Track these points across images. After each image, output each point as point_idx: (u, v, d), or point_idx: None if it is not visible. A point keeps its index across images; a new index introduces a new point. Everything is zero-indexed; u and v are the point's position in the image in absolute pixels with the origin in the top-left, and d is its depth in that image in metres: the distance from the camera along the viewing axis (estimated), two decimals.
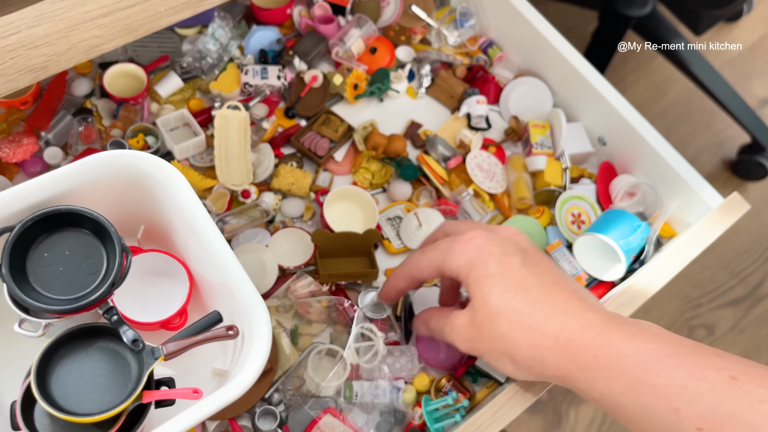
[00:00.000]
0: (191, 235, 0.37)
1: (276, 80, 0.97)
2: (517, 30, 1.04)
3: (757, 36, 1.79)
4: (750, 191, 1.57)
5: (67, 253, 0.34)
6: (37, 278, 0.34)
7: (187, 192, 0.36)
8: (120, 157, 0.35)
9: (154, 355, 0.34)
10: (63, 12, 0.69)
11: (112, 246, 0.34)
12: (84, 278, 0.34)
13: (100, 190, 0.36)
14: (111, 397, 0.33)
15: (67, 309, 0.33)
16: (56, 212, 0.34)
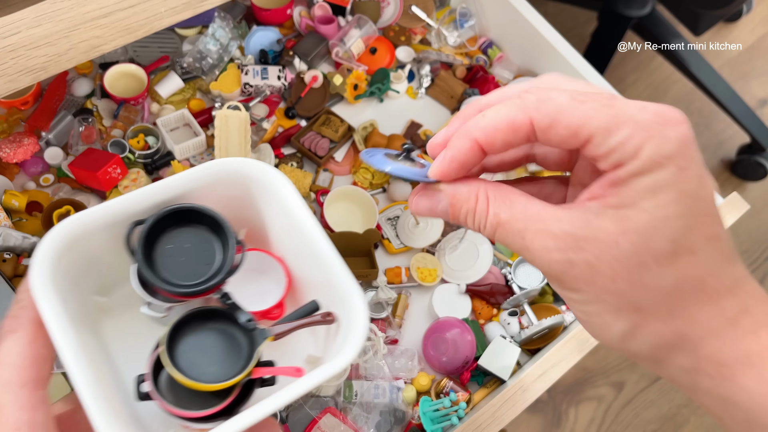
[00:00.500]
0: (294, 236, 0.41)
1: (276, 80, 0.97)
2: (517, 30, 1.04)
3: (757, 36, 1.80)
4: (749, 191, 1.57)
5: (187, 246, 0.39)
6: (163, 266, 0.38)
7: (293, 196, 0.41)
8: (232, 164, 0.40)
9: (264, 335, 0.39)
10: (63, 12, 0.69)
11: (225, 241, 0.39)
12: (201, 268, 0.39)
13: (212, 193, 0.40)
14: (226, 371, 0.37)
15: (190, 292, 0.38)
16: (181, 209, 0.39)
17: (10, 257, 0.78)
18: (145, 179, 0.88)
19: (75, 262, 0.38)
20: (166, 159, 0.90)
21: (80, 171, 0.84)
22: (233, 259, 0.39)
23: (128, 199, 0.38)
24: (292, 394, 0.35)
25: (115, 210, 0.38)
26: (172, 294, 0.38)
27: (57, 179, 0.88)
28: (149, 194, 0.38)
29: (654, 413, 1.31)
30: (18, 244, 0.79)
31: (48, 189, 0.87)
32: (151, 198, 0.38)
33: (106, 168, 0.82)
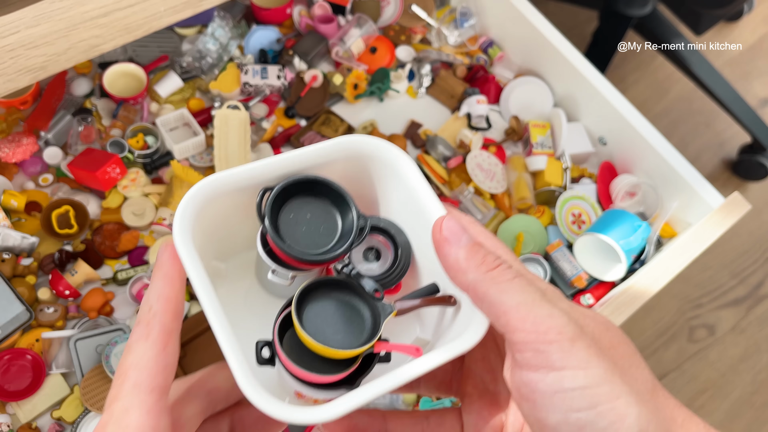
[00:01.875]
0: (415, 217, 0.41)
1: (276, 80, 0.96)
2: (518, 29, 1.04)
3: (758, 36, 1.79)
4: (751, 191, 1.57)
5: (309, 217, 0.40)
6: (286, 234, 0.39)
7: (416, 176, 0.41)
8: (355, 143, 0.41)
9: (388, 309, 0.39)
10: (62, 12, 0.68)
11: (347, 213, 0.40)
12: (322, 239, 0.39)
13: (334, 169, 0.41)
14: (350, 340, 0.38)
15: (318, 260, 0.38)
16: (306, 180, 0.39)
17: (9, 257, 0.78)
18: (144, 179, 0.88)
19: (205, 223, 0.39)
20: (165, 159, 0.90)
21: (79, 171, 0.84)
22: (356, 231, 0.39)
23: (260, 166, 0.39)
24: (413, 372, 0.35)
25: (249, 175, 0.39)
26: (297, 261, 0.39)
27: (56, 179, 0.87)
28: (278, 165, 0.39)
29: None
30: (17, 244, 0.79)
31: (47, 189, 0.87)
32: (280, 168, 0.39)
33: (105, 168, 0.82)
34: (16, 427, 0.74)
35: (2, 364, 0.75)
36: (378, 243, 0.44)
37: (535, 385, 0.31)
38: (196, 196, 0.37)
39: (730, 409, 1.31)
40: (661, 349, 1.35)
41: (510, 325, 0.32)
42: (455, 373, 0.42)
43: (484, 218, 0.92)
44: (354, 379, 0.39)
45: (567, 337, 0.31)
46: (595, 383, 0.30)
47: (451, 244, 0.36)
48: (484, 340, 0.39)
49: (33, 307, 0.78)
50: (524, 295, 0.33)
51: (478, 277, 0.34)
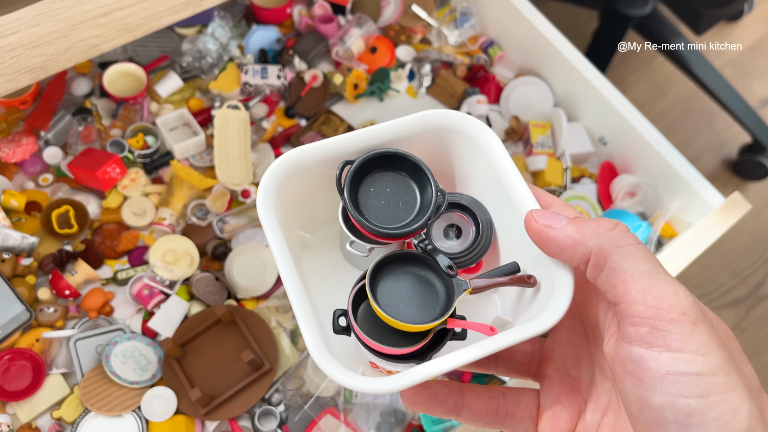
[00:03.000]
0: (499, 194, 0.41)
1: (276, 80, 0.96)
2: (518, 29, 1.04)
3: (758, 36, 1.79)
4: (751, 191, 1.57)
5: (388, 191, 0.40)
6: (365, 208, 0.40)
7: (502, 152, 0.41)
8: (440, 116, 0.41)
9: (463, 286, 0.39)
10: (62, 11, 0.68)
11: (427, 188, 0.40)
12: (401, 213, 0.40)
13: (414, 144, 0.41)
14: (422, 315, 0.38)
15: (394, 233, 0.39)
16: (387, 153, 0.40)
17: (9, 257, 0.78)
18: (144, 179, 0.88)
19: (290, 194, 0.40)
20: (165, 158, 0.90)
21: (79, 171, 0.83)
22: (434, 206, 0.39)
23: (341, 140, 0.39)
24: (486, 350, 0.35)
25: (330, 148, 0.39)
26: (374, 234, 0.39)
27: (56, 179, 0.87)
28: (360, 138, 0.40)
29: None
30: (17, 244, 0.79)
31: (47, 189, 0.87)
32: (361, 142, 0.40)
33: (105, 168, 0.82)
34: (16, 427, 0.74)
35: (2, 364, 0.75)
36: (459, 220, 0.44)
37: (646, 363, 0.29)
38: (278, 169, 0.39)
39: None
40: None
41: (629, 295, 0.30)
42: (535, 354, 0.41)
43: None
44: (425, 353, 0.39)
45: (690, 318, 0.29)
46: (712, 371, 0.29)
47: (554, 228, 0.35)
48: (570, 324, 0.39)
49: (33, 307, 0.78)
50: (648, 265, 0.31)
51: (599, 240, 0.33)
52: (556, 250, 0.35)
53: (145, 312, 0.81)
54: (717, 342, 0.29)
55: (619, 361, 0.31)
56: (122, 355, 0.77)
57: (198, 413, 0.75)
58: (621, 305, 0.31)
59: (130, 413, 0.75)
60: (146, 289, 0.81)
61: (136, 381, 0.76)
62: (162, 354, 0.78)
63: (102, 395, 0.75)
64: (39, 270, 0.82)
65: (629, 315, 0.30)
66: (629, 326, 0.30)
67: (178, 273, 0.82)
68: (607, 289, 0.32)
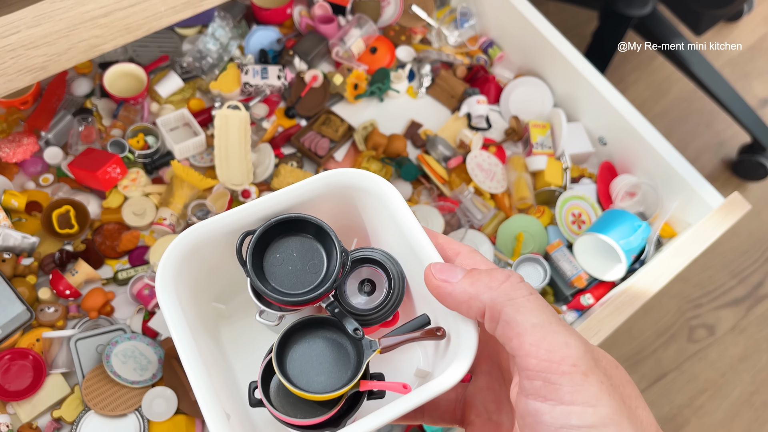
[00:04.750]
0: (404, 248, 0.42)
1: (276, 80, 0.97)
2: (518, 30, 1.04)
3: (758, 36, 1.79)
4: (750, 191, 1.57)
5: (295, 255, 0.40)
6: (272, 276, 0.39)
7: (402, 206, 0.41)
8: (340, 176, 0.42)
9: (372, 347, 0.39)
10: (63, 12, 0.68)
11: (333, 249, 0.40)
12: (309, 276, 0.40)
13: (321, 205, 0.42)
14: (334, 381, 0.38)
15: (298, 301, 0.38)
16: (289, 219, 0.40)
17: (10, 257, 0.78)
18: (144, 179, 0.88)
19: (196, 270, 0.40)
20: (165, 159, 0.90)
21: (79, 171, 0.84)
22: (339, 267, 0.39)
23: (241, 211, 0.39)
24: (399, 410, 0.35)
25: (231, 220, 0.39)
26: (280, 303, 0.39)
27: (56, 179, 0.88)
28: (261, 206, 0.40)
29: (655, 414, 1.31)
30: (17, 244, 0.79)
31: (47, 189, 0.87)
32: (263, 210, 0.40)
33: (106, 168, 0.82)
34: (16, 426, 0.74)
35: (3, 364, 0.75)
36: (373, 274, 0.44)
37: (541, 417, 0.30)
38: (177, 249, 0.38)
39: (730, 409, 1.31)
40: (661, 349, 1.35)
41: (523, 348, 0.31)
42: (458, 402, 0.41)
43: (484, 218, 0.93)
44: (341, 418, 0.39)
45: (581, 370, 0.30)
46: (602, 423, 0.29)
47: (449, 282, 0.35)
48: (489, 369, 0.39)
49: (33, 307, 0.79)
50: (540, 316, 0.31)
51: (491, 294, 0.33)
52: (454, 304, 0.35)
53: (146, 312, 0.81)
54: (608, 391, 0.30)
55: (519, 414, 0.31)
56: (123, 354, 0.77)
57: (198, 413, 0.75)
58: (517, 358, 0.31)
59: (131, 413, 0.75)
60: (147, 289, 0.81)
61: (137, 381, 0.76)
62: (162, 354, 0.78)
63: (103, 395, 0.75)
64: (39, 270, 0.82)
65: (524, 368, 0.31)
66: (525, 380, 0.31)
67: None
68: (504, 342, 0.32)
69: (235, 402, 0.40)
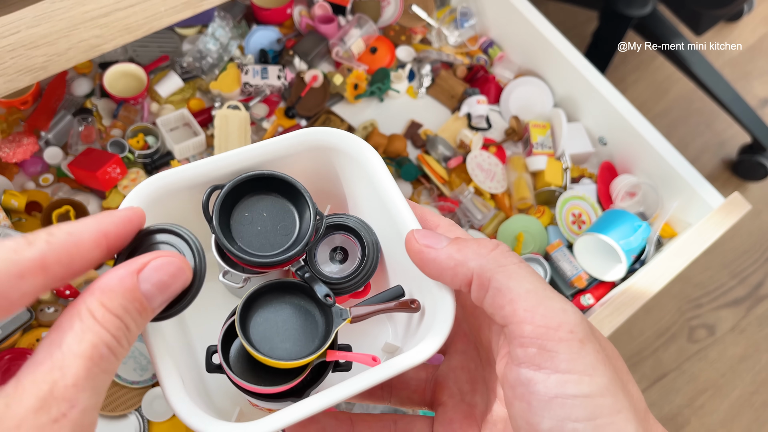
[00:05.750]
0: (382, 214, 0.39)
1: (276, 80, 0.97)
2: (518, 30, 1.04)
3: (758, 36, 1.79)
4: (751, 191, 1.57)
5: (265, 215, 0.38)
6: (239, 235, 0.37)
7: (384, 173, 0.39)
8: (319, 134, 0.39)
9: (342, 315, 0.37)
10: (63, 12, 0.68)
11: (306, 211, 0.38)
12: (279, 238, 0.37)
13: (297, 164, 0.39)
14: (299, 349, 0.36)
15: (267, 262, 0.36)
16: (260, 176, 0.37)
17: None
18: (144, 179, 0.88)
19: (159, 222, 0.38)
20: (165, 159, 0.90)
21: (79, 171, 0.84)
22: (312, 231, 0.37)
23: (212, 162, 0.36)
24: (366, 383, 0.33)
25: (198, 172, 0.36)
26: (247, 264, 0.37)
27: (56, 179, 0.87)
28: (233, 159, 0.37)
29: (655, 414, 1.31)
30: None
31: (47, 189, 0.87)
32: (235, 163, 0.37)
33: (106, 168, 0.82)
34: None
35: (3, 364, 0.75)
36: (346, 242, 0.42)
37: (534, 386, 0.28)
38: (139, 196, 0.35)
39: (730, 409, 1.31)
40: (661, 349, 1.35)
41: (517, 315, 0.29)
42: (429, 382, 0.39)
43: (484, 218, 0.93)
44: (304, 389, 0.37)
45: (578, 337, 0.28)
46: (599, 393, 0.28)
47: (434, 248, 0.33)
48: (464, 348, 0.37)
49: (33, 307, 0.79)
50: (534, 282, 0.30)
51: (480, 261, 0.31)
52: (437, 271, 0.33)
53: None
54: (604, 361, 0.29)
55: (509, 384, 0.30)
56: None
57: None
58: (510, 326, 0.30)
59: (131, 413, 0.75)
60: None
61: (137, 381, 0.76)
62: None
63: None
64: None
65: (518, 336, 0.29)
66: (518, 347, 0.29)
67: None
68: (494, 311, 0.31)
69: (189, 367, 0.38)
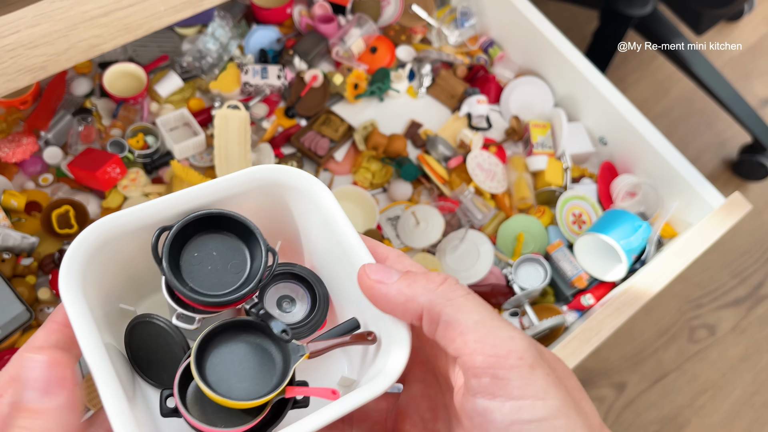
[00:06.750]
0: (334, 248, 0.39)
1: (276, 80, 0.96)
2: (518, 29, 1.04)
3: (758, 36, 1.79)
4: (751, 191, 1.57)
5: (215, 254, 0.38)
6: (190, 275, 0.37)
7: (333, 205, 0.39)
8: (268, 171, 0.39)
9: (299, 351, 0.37)
10: (62, 11, 0.68)
11: (257, 248, 0.37)
12: (230, 277, 0.37)
13: (247, 202, 0.39)
14: (258, 387, 0.36)
15: (220, 302, 0.36)
16: (209, 215, 0.37)
17: (9, 257, 0.78)
18: (144, 179, 0.88)
19: (104, 267, 0.37)
20: (165, 158, 0.90)
21: (79, 171, 0.83)
22: (264, 267, 0.37)
23: (159, 203, 0.36)
24: (326, 418, 0.33)
25: (145, 214, 0.36)
26: (199, 304, 0.37)
27: (56, 179, 0.87)
28: (181, 200, 0.37)
29: (655, 414, 1.31)
30: (17, 244, 0.79)
31: (47, 189, 0.87)
32: (183, 204, 0.37)
33: (105, 168, 0.82)
34: None
35: (2, 364, 0.75)
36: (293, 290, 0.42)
37: (491, 415, 0.29)
38: (85, 243, 0.35)
39: (731, 410, 1.31)
40: (662, 349, 1.35)
41: (468, 346, 0.30)
42: (390, 412, 0.39)
43: (484, 218, 0.92)
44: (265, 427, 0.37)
45: (527, 362, 0.29)
46: (552, 415, 0.29)
47: (385, 283, 0.34)
48: (423, 376, 0.37)
49: (33, 307, 0.78)
50: (482, 313, 0.31)
51: (429, 296, 0.32)
52: (389, 306, 0.34)
53: None
54: (555, 383, 0.30)
55: (467, 415, 0.31)
56: None
57: None
58: (461, 357, 0.31)
59: None
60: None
61: None
62: None
63: None
64: (39, 270, 0.82)
65: (471, 366, 0.30)
66: (472, 378, 0.30)
67: None
68: (446, 344, 0.31)
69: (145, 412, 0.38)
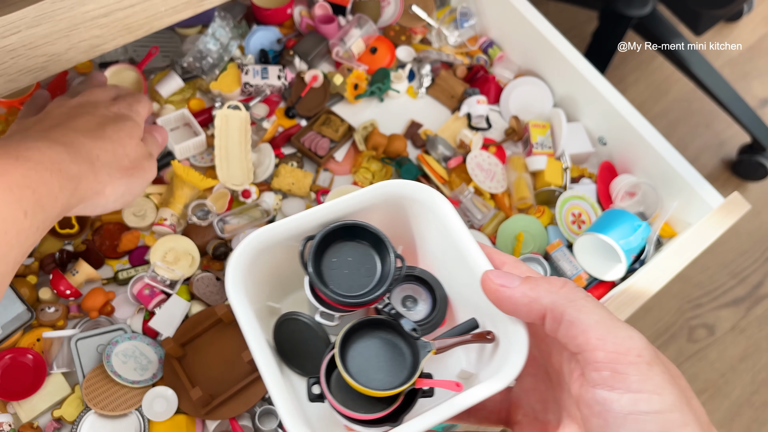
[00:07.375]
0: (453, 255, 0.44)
1: (276, 80, 0.97)
2: (518, 30, 1.04)
3: (758, 36, 1.79)
4: (750, 191, 1.57)
5: (350, 259, 0.43)
6: (330, 278, 0.42)
7: (454, 217, 0.44)
8: (395, 186, 0.45)
9: (427, 348, 0.41)
10: (63, 12, 0.68)
11: (385, 254, 0.43)
12: (363, 280, 0.43)
13: (373, 213, 0.45)
14: (392, 379, 0.40)
15: (357, 302, 0.41)
16: (346, 225, 0.43)
17: None
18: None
19: (258, 270, 0.43)
20: (166, 159, 0.90)
21: None
22: (394, 271, 0.42)
23: (303, 216, 0.43)
24: (454, 409, 0.38)
25: (293, 226, 0.43)
26: (340, 304, 0.42)
27: None
28: (321, 213, 0.43)
29: None
30: None
31: None
32: (322, 216, 0.43)
33: None
34: (17, 426, 0.74)
35: (3, 364, 0.75)
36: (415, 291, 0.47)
37: (610, 405, 0.32)
38: (247, 250, 0.42)
39: (730, 409, 1.31)
40: (661, 349, 1.35)
41: (590, 343, 0.33)
42: (504, 403, 0.43)
43: (484, 218, 0.93)
44: (398, 414, 0.41)
45: (645, 360, 0.32)
46: (668, 409, 0.31)
47: (509, 287, 0.38)
48: (535, 371, 0.42)
49: (34, 307, 0.79)
50: (602, 314, 0.34)
51: (552, 297, 0.36)
52: (513, 308, 0.38)
53: (146, 312, 0.81)
54: (670, 381, 0.33)
55: (585, 404, 0.34)
56: (123, 354, 0.77)
57: (199, 413, 0.75)
58: (583, 353, 0.34)
59: (131, 413, 0.75)
60: (147, 289, 0.81)
61: (137, 380, 0.76)
62: (163, 353, 0.78)
63: (103, 395, 0.75)
64: (40, 270, 0.82)
65: (592, 362, 0.33)
66: (593, 372, 0.33)
67: (178, 273, 0.82)
68: (568, 341, 0.35)
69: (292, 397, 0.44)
